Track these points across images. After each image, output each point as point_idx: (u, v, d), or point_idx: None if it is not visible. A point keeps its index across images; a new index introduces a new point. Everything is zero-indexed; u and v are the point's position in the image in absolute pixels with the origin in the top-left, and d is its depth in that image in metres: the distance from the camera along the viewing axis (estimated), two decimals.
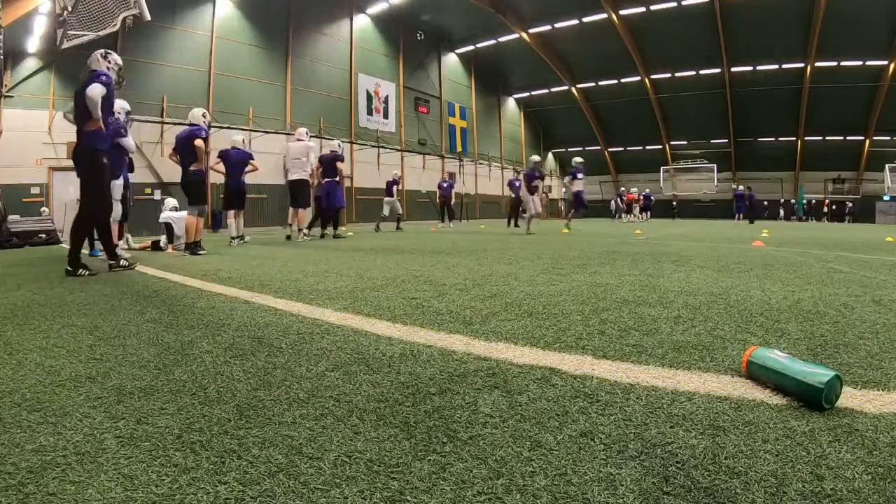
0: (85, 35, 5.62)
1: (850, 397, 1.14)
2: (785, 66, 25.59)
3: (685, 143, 31.43)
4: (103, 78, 3.88)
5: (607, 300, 2.37)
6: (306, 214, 8.26)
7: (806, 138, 28.25)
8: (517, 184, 14.32)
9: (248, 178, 7.66)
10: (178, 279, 3.53)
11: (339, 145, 9.14)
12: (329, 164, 8.57)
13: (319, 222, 9.02)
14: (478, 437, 0.98)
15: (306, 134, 8.38)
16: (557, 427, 1.02)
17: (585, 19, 24.85)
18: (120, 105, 5.75)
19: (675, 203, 28.71)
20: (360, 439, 0.97)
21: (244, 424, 1.05)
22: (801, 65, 25.14)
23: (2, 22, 7.05)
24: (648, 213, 25.02)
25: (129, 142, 5.67)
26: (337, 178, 8.60)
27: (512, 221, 14.24)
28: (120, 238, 6.01)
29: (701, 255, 4.74)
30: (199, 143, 5.62)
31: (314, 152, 8.23)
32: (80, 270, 3.78)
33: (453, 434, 0.99)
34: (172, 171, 9.46)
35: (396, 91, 22.93)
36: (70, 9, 5.67)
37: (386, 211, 12.57)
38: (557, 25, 25.65)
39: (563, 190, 11.29)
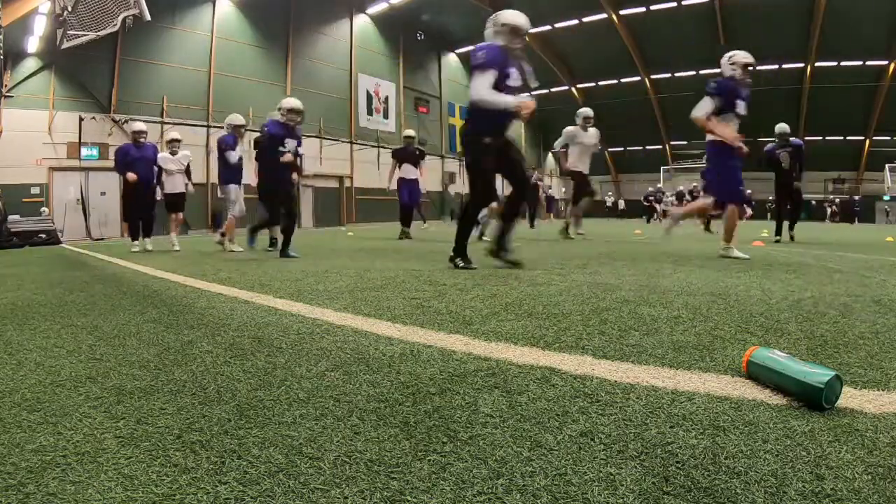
0: (85, 35, 5.64)
1: (850, 397, 1.14)
2: (785, 66, 25.58)
3: (685, 143, 31.44)
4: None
5: (607, 300, 2.37)
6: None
7: (806, 138, 28.22)
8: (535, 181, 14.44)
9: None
10: (179, 279, 3.53)
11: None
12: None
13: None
14: (478, 437, 0.98)
15: None
16: (557, 427, 1.01)
17: (585, 19, 24.88)
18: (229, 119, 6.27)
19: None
20: (360, 439, 0.97)
21: (244, 424, 1.05)
22: (801, 65, 25.15)
23: (2, 22, 7.05)
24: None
25: (232, 154, 6.12)
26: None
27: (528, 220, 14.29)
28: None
29: (701, 255, 4.74)
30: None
31: None
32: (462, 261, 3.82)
33: (453, 434, 0.99)
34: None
35: (396, 91, 22.93)
36: (70, 9, 5.68)
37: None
38: (557, 25, 25.66)
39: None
